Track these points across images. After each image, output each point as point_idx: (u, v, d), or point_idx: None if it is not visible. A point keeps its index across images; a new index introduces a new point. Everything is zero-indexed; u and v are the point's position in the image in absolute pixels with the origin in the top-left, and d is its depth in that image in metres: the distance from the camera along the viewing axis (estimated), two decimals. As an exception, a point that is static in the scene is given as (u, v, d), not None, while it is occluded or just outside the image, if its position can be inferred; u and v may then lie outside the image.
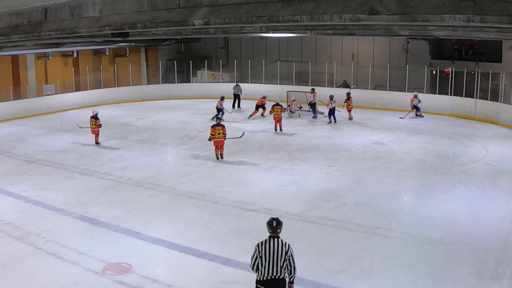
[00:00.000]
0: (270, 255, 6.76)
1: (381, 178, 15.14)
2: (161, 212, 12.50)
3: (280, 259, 6.77)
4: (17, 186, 14.63)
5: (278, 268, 6.77)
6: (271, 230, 7.01)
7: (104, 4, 12.05)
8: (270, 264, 6.75)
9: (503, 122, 23.00)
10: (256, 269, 6.86)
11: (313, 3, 8.99)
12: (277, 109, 22.10)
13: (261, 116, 25.18)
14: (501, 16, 7.37)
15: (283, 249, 6.85)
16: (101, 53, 32.58)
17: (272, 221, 7.07)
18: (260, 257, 6.80)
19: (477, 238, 10.56)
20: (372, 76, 29.07)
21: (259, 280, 6.83)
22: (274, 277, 6.77)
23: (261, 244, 6.89)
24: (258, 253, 6.83)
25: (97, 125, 19.75)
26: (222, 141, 17.16)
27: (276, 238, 6.96)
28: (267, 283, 6.78)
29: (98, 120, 19.74)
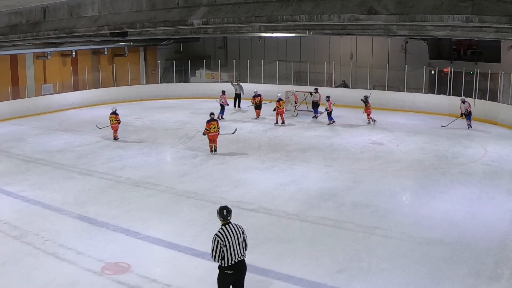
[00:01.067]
0: (232, 240, 7.28)
1: (380, 178, 15.14)
2: (160, 212, 12.49)
3: (241, 240, 7.39)
4: (16, 186, 14.61)
5: (241, 249, 7.39)
6: (223, 218, 7.48)
7: (103, 4, 12.06)
8: (235, 248, 7.29)
9: (501, 122, 23.03)
10: (220, 258, 7.28)
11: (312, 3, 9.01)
12: (282, 104, 23.52)
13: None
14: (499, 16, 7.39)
15: (239, 230, 7.46)
16: (100, 53, 32.56)
17: (223, 209, 7.53)
18: (225, 245, 7.23)
19: (475, 238, 10.57)
20: (370, 76, 29.08)
21: (227, 266, 7.30)
22: (240, 259, 7.37)
23: (221, 234, 7.31)
24: (222, 243, 7.23)
25: (117, 120, 20.54)
26: (216, 135, 18.01)
27: (229, 223, 7.47)
28: (235, 267, 7.33)
29: (117, 116, 20.56)
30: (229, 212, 7.55)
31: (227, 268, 7.32)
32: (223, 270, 7.38)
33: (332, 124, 23.22)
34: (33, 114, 26.79)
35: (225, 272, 7.36)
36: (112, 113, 20.60)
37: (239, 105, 28.26)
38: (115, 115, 20.51)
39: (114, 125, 20.57)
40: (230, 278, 7.44)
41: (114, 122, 20.53)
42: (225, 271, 7.35)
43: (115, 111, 20.62)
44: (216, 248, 7.28)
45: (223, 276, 7.44)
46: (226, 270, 7.34)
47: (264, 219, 11.97)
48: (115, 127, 20.60)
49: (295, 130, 22.43)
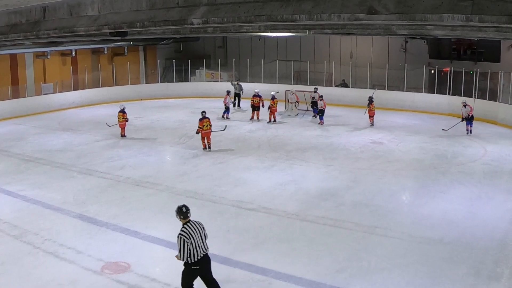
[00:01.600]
0: (196, 237, 7.55)
1: (379, 177, 15.14)
2: (160, 211, 12.49)
3: (202, 235, 7.69)
4: (16, 185, 14.61)
5: (204, 244, 7.70)
6: (183, 216, 7.67)
7: (102, 3, 12.06)
8: (199, 244, 7.58)
9: (501, 121, 23.04)
10: (187, 256, 7.48)
11: (312, 3, 9.00)
12: (276, 102, 23.89)
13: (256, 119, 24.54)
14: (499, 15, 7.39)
15: (200, 226, 7.75)
16: (100, 52, 32.55)
17: (182, 207, 7.72)
18: (191, 243, 7.46)
19: (475, 238, 10.57)
20: (370, 76, 29.08)
21: (193, 262, 7.53)
22: (205, 253, 7.67)
23: (185, 233, 7.51)
24: (187, 241, 7.44)
25: (124, 118, 20.86)
26: (209, 132, 18.42)
27: (190, 221, 7.69)
28: (202, 261, 7.62)
29: (125, 114, 20.88)
30: (188, 209, 7.74)
31: (193, 264, 7.56)
32: (189, 266, 7.60)
33: (322, 124, 23.10)
34: (32, 113, 26.78)
35: (192, 268, 7.60)
36: (120, 111, 20.95)
37: (238, 104, 28.26)
38: (123, 113, 20.84)
39: (121, 123, 20.94)
40: (196, 273, 7.70)
41: (122, 120, 20.91)
42: (192, 267, 7.59)
43: (123, 109, 20.98)
44: (183, 247, 7.47)
45: (189, 272, 7.66)
46: (192, 266, 7.58)
47: (263, 218, 11.97)
48: (123, 125, 20.96)
49: (295, 129, 22.43)
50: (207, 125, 18.29)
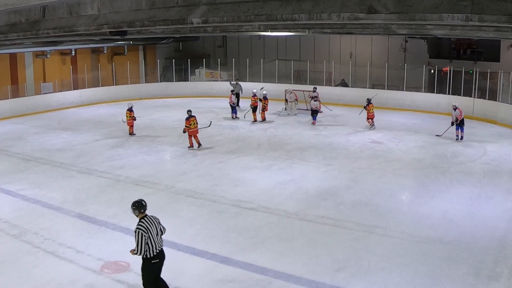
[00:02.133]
0: (153, 231, 7.69)
1: (379, 177, 15.15)
2: (159, 211, 12.36)
3: (158, 230, 7.82)
4: (15, 185, 14.61)
5: (160, 238, 7.85)
6: (143, 210, 7.80)
7: (102, 3, 12.04)
8: (156, 238, 7.73)
9: (501, 121, 23.04)
10: (145, 250, 7.61)
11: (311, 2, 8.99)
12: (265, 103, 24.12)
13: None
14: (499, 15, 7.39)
15: (156, 221, 7.88)
16: (99, 52, 32.54)
17: (141, 201, 7.87)
18: (149, 237, 7.60)
19: (475, 237, 10.58)
20: (370, 75, 29.08)
21: (152, 256, 7.68)
22: (161, 248, 7.83)
23: (143, 227, 7.64)
24: (145, 235, 7.58)
25: (131, 117, 21.16)
26: (197, 130, 18.71)
27: (146, 216, 7.82)
28: (160, 255, 7.80)
29: (132, 112, 21.17)
30: (146, 204, 7.88)
31: (153, 258, 7.71)
32: (149, 261, 7.71)
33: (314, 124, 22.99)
34: (32, 113, 26.78)
35: (152, 262, 7.73)
36: (127, 110, 21.21)
37: (237, 104, 28.21)
38: (130, 111, 21.12)
39: (129, 121, 21.25)
40: (156, 266, 7.84)
41: (129, 119, 21.18)
42: (152, 261, 7.72)
43: (130, 108, 21.20)
44: (141, 241, 7.57)
45: (150, 266, 7.78)
46: (152, 260, 7.71)
47: (263, 218, 11.98)
48: (130, 123, 21.27)
49: (295, 129, 22.43)
50: (194, 123, 18.59)
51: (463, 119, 19.86)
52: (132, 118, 21.17)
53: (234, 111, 24.97)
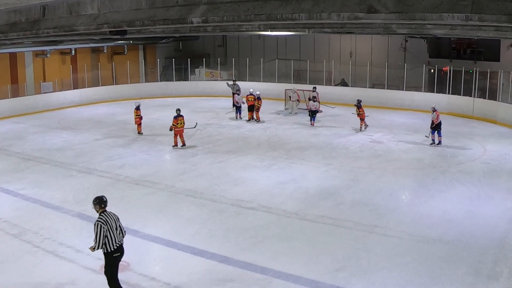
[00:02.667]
0: (112, 225, 7.89)
1: (379, 176, 15.15)
2: (159, 210, 12.50)
3: (117, 225, 8.01)
4: (15, 184, 14.61)
5: (119, 233, 8.00)
6: (103, 205, 8.05)
7: (102, 2, 12.04)
8: (116, 232, 7.92)
9: (501, 121, 23.04)
10: (104, 244, 7.79)
11: (311, 2, 8.99)
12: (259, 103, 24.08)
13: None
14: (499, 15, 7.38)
15: (115, 217, 8.10)
16: (99, 51, 32.54)
17: (102, 197, 8.14)
18: (108, 229, 7.80)
19: (474, 237, 10.58)
20: (370, 75, 29.08)
21: (113, 250, 7.86)
22: (120, 242, 7.98)
23: (102, 220, 7.86)
24: (104, 227, 7.77)
25: (137, 115, 21.24)
26: (183, 130, 18.83)
27: (105, 211, 8.06)
28: (119, 249, 7.96)
29: (138, 111, 21.25)
30: (106, 201, 8.13)
31: (114, 252, 7.89)
32: (111, 255, 7.89)
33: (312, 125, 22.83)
34: (32, 112, 26.79)
35: (113, 255, 7.91)
36: (135, 109, 21.35)
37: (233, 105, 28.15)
38: (137, 110, 21.22)
39: (136, 120, 21.33)
40: (117, 260, 8.02)
41: (136, 117, 21.27)
42: (113, 255, 7.90)
43: (137, 107, 21.27)
44: (100, 233, 7.76)
45: (112, 260, 7.95)
46: (114, 254, 7.89)
47: (263, 217, 11.98)
48: (137, 121, 21.36)
49: (295, 128, 22.43)
50: (181, 123, 18.70)
51: (440, 123, 18.90)
52: (139, 117, 21.20)
53: (238, 111, 24.83)
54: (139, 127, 21.42)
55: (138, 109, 21.26)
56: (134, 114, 21.34)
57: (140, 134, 21.24)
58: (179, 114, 18.79)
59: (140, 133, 21.28)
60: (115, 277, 8.04)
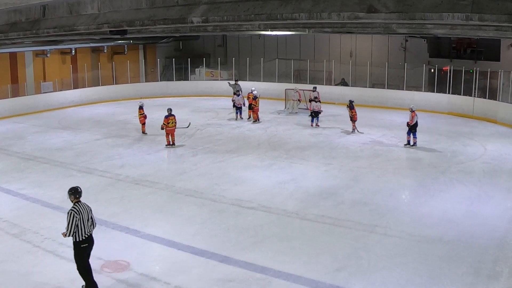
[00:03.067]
0: (84, 215, 8.15)
1: (379, 176, 15.15)
2: (159, 210, 12.50)
3: (89, 217, 8.28)
4: (15, 184, 14.61)
5: (90, 224, 8.27)
6: (78, 195, 8.30)
7: (102, 2, 12.04)
8: (87, 224, 8.18)
9: (501, 120, 23.04)
10: (74, 232, 8.07)
11: (311, 1, 9.00)
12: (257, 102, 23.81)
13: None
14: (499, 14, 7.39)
15: (88, 208, 8.35)
16: (99, 51, 32.54)
17: (77, 188, 8.42)
18: (80, 219, 8.06)
19: (474, 237, 10.58)
20: (370, 74, 29.08)
21: (82, 240, 8.12)
22: (90, 233, 8.24)
23: (75, 210, 8.12)
24: (77, 216, 8.05)
25: (141, 114, 21.20)
26: (174, 129, 18.95)
27: (79, 201, 8.30)
28: (88, 240, 8.22)
29: (141, 110, 21.21)
30: (80, 191, 8.40)
31: (82, 242, 8.14)
32: (79, 245, 8.15)
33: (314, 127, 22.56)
34: (32, 112, 26.78)
35: (81, 246, 8.15)
36: (139, 108, 21.28)
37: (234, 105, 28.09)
38: (140, 109, 21.16)
39: (140, 120, 21.28)
40: (86, 251, 8.24)
41: (139, 116, 21.20)
42: (81, 245, 8.15)
43: (141, 106, 21.23)
44: (72, 222, 8.03)
45: (80, 250, 8.18)
46: (81, 244, 8.14)
47: (263, 217, 11.98)
48: (141, 121, 21.28)
49: (295, 128, 22.43)
50: (173, 122, 18.80)
51: (415, 125, 18.64)
52: (143, 116, 21.11)
53: (238, 112, 24.69)
54: (143, 126, 21.32)
55: (141, 109, 21.19)
56: (138, 114, 21.25)
57: (144, 134, 21.17)
58: (170, 113, 18.89)
59: (144, 133, 21.21)
60: (84, 267, 8.26)
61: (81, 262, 8.22)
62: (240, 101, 24.72)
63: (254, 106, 23.81)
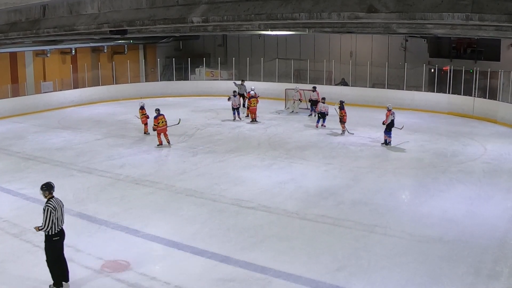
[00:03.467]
0: (59, 210, 8.41)
1: (379, 176, 15.15)
2: (159, 210, 12.50)
3: (62, 212, 8.51)
4: (15, 184, 14.61)
5: (63, 218, 8.54)
6: (52, 191, 8.50)
7: (102, 2, 12.04)
8: (61, 217, 8.44)
9: (501, 120, 23.04)
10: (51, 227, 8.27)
11: (312, 1, 8.99)
12: (253, 102, 23.63)
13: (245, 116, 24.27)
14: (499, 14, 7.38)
15: (61, 202, 8.60)
16: (99, 51, 32.53)
17: (51, 183, 8.59)
18: (56, 214, 8.29)
19: (474, 237, 10.58)
20: (370, 74, 29.08)
21: (54, 234, 8.35)
22: (62, 227, 8.48)
23: (52, 205, 8.32)
24: (53, 212, 8.26)
25: (143, 114, 21.06)
26: (165, 128, 18.88)
27: (53, 196, 8.50)
28: (61, 233, 8.48)
29: (143, 110, 21.08)
30: (54, 186, 8.59)
31: (54, 236, 8.36)
32: (51, 238, 8.37)
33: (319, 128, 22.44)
34: (32, 112, 26.78)
35: (53, 239, 8.37)
36: (140, 108, 21.13)
37: (243, 105, 28.02)
38: (141, 109, 21.01)
39: (143, 120, 21.13)
40: (58, 244, 8.47)
41: (142, 117, 21.08)
42: (53, 238, 8.37)
43: (142, 106, 21.05)
44: (49, 217, 8.22)
45: (52, 243, 8.40)
46: (54, 237, 8.37)
47: (263, 217, 11.98)
48: (143, 121, 21.11)
49: (295, 128, 22.43)
50: (162, 121, 18.72)
51: (390, 124, 18.71)
52: (145, 116, 20.99)
53: (235, 113, 24.40)
54: (145, 126, 21.21)
55: (143, 109, 21.10)
56: (140, 114, 21.13)
57: (147, 134, 21.05)
58: (158, 113, 18.79)
59: (147, 133, 21.08)
60: (54, 259, 8.47)
61: (51, 254, 8.45)
62: (236, 101, 24.57)
63: (249, 105, 23.70)
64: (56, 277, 8.49)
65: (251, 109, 23.74)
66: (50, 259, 8.47)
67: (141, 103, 21.49)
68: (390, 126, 18.76)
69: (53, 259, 8.47)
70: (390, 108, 18.89)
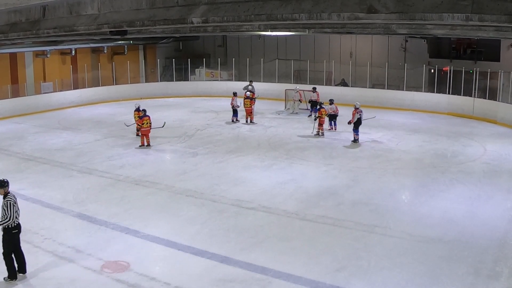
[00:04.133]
0: (17, 204, 8.84)
1: (379, 176, 15.15)
2: (159, 210, 12.50)
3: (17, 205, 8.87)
4: (15, 184, 14.50)
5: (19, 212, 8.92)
6: (6, 186, 8.96)
7: (102, 2, 12.05)
8: (18, 211, 8.84)
9: (501, 121, 23.04)
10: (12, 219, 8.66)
11: (312, 2, 8.99)
12: (246, 102, 23.36)
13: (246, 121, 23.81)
14: (499, 15, 7.38)
15: (15, 197, 8.97)
16: (99, 51, 32.53)
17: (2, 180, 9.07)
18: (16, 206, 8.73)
19: (474, 237, 10.58)
20: (370, 75, 29.08)
21: (13, 227, 8.72)
22: (18, 221, 8.83)
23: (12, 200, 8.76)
24: (15, 205, 8.72)
25: (140, 117, 20.40)
26: (149, 130, 18.93)
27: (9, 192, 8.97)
28: (18, 226, 8.83)
29: (139, 112, 20.42)
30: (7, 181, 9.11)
31: (13, 229, 8.73)
32: (10, 231, 8.73)
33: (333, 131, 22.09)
34: (32, 112, 26.77)
35: (12, 232, 8.73)
36: (135, 110, 20.67)
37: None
38: (137, 111, 20.54)
39: (138, 122, 20.51)
40: (16, 236, 8.82)
41: (138, 119, 20.44)
42: (12, 231, 8.73)
43: (137, 108, 20.66)
44: (12, 210, 8.64)
45: (11, 235, 8.75)
46: (13, 230, 8.74)
47: (263, 217, 11.98)
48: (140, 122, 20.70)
49: (295, 128, 22.42)
50: (147, 123, 18.79)
51: (358, 122, 19.07)
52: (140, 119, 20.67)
53: (235, 114, 24.09)
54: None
55: (138, 110, 20.74)
56: (135, 116, 20.45)
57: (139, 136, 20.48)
58: (145, 114, 18.85)
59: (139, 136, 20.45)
60: (11, 252, 8.81)
61: (8, 246, 8.78)
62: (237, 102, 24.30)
63: (245, 106, 23.34)
64: (12, 269, 8.81)
65: (246, 110, 23.42)
66: (6, 252, 8.80)
67: (136, 105, 20.95)
68: (358, 124, 19.30)
69: (10, 252, 8.80)
70: (357, 107, 19.42)
